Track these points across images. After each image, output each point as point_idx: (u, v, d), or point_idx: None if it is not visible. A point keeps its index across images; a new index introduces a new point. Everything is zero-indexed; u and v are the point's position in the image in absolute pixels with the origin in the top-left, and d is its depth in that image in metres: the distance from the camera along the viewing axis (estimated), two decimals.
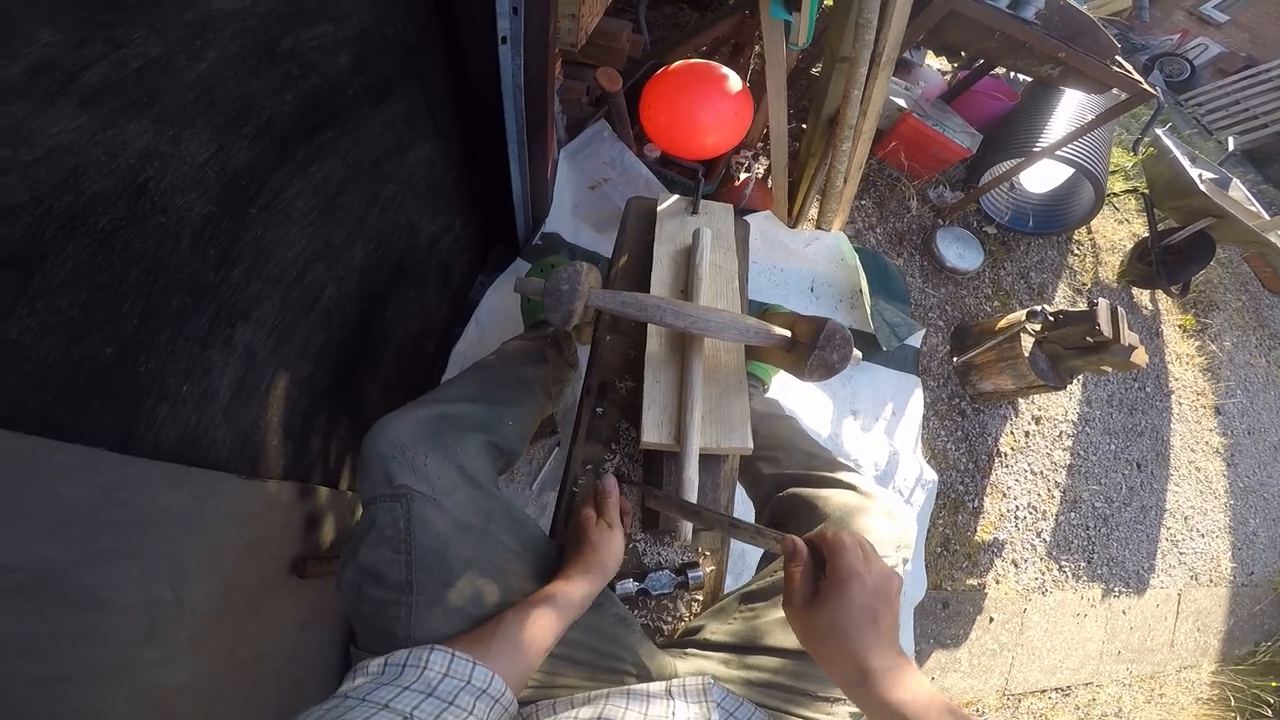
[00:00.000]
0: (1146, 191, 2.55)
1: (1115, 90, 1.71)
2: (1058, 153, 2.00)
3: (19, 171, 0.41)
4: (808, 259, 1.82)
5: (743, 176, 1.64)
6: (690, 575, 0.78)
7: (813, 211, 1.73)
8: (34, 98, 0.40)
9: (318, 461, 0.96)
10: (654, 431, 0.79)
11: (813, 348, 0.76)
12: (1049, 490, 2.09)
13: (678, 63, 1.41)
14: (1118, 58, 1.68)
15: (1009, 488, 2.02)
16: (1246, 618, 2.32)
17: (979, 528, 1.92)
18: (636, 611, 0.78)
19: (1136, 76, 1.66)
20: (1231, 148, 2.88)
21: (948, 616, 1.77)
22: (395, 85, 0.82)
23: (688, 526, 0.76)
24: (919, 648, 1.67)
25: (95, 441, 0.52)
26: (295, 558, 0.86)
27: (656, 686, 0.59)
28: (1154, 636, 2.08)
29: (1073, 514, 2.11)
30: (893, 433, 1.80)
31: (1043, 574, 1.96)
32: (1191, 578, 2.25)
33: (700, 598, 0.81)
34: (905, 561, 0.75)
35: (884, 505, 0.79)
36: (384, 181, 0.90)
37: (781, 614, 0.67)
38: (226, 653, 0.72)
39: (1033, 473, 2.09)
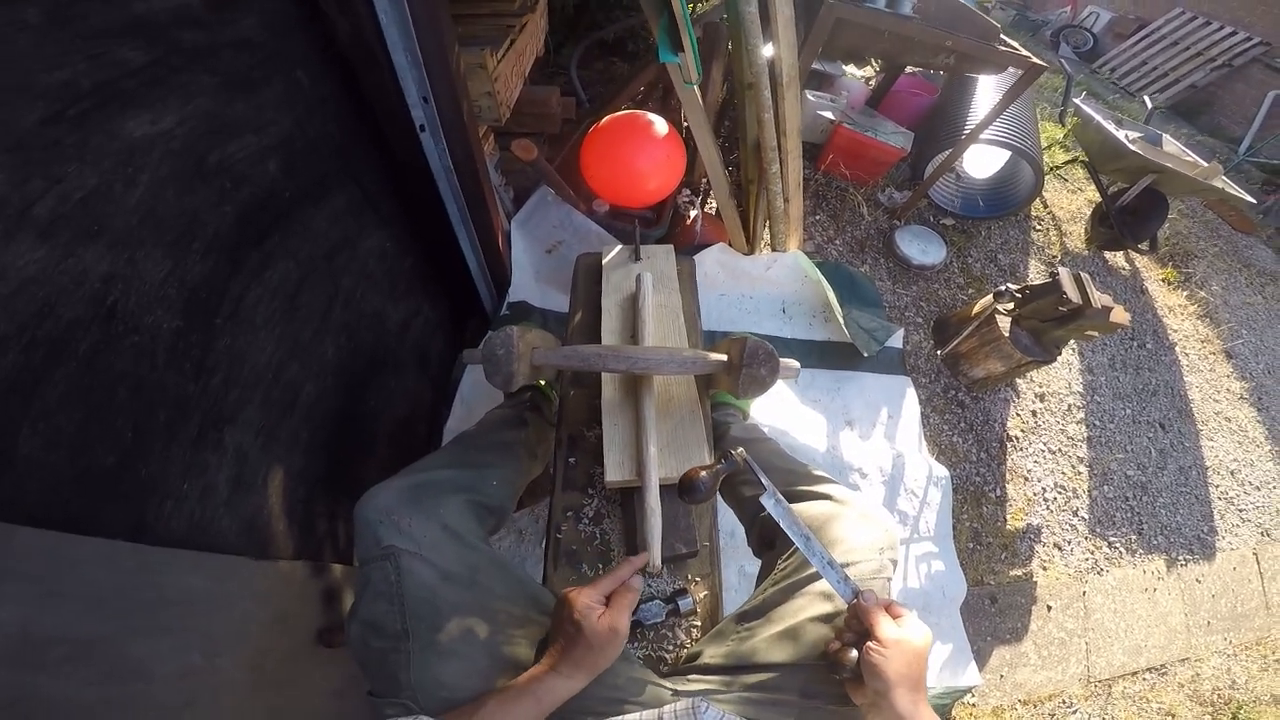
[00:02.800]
0: (1086, 159, 2.67)
1: (1011, 69, 1.83)
2: (986, 136, 2.12)
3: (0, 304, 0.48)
4: (772, 282, 1.90)
5: (692, 215, 1.75)
6: (680, 603, 0.79)
7: (767, 235, 1.82)
8: None
9: (326, 542, 1.00)
10: (616, 470, 0.84)
11: (741, 367, 0.81)
12: (1073, 467, 2.07)
13: (606, 117, 1.54)
14: (1003, 36, 1.81)
15: (1029, 470, 1.99)
16: None
17: (1008, 516, 1.88)
18: (636, 644, 0.80)
19: (1024, 52, 1.79)
20: (1150, 106, 3.03)
21: (999, 611, 1.72)
22: (330, 182, 0.91)
23: (656, 555, 0.78)
24: (976, 647, 1.60)
25: (113, 534, 0.59)
26: (319, 629, 0.90)
27: (649, 714, 0.60)
28: (1243, 601, 1.99)
29: (1106, 487, 2.06)
30: (893, 436, 1.81)
31: (1092, 553, 1.91)
32: (1262, 534, 2.16)
33: (698, 623, 0.82)
34: (893, 562, 0.77)
35: (858, 510, 0.81)
36: (340, 275, 0.99)
37: (773, 629, 0.71)
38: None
39: (1050, 451, 2.06)
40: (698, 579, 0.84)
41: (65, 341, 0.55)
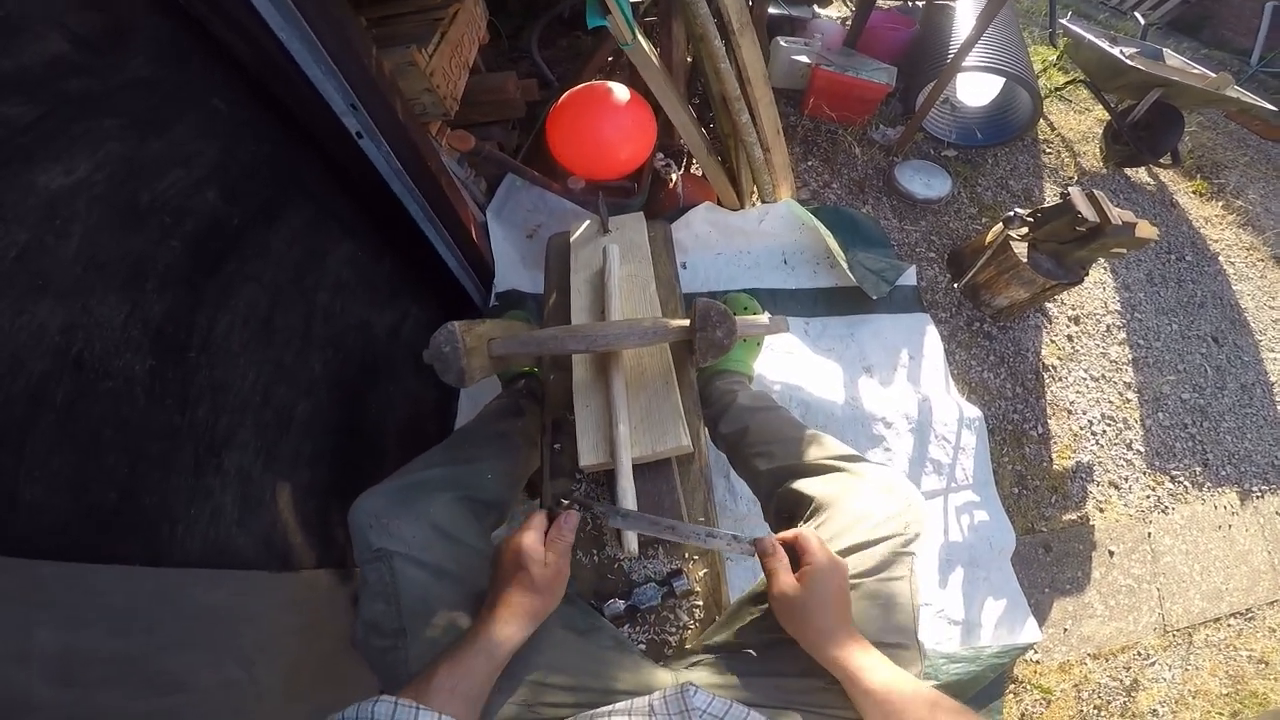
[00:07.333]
0: (1086, 79, 2.61)
1: None
2: (971, 63, 2.05)
3: None
4: (768, 234, 1.87)
5: (673, 178, 1.73)
6: (675, 584, 0.79)
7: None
8: None
9: (348, 549, 1.03)
10: (590, 454, 0.84)
11: (696, 331, 0.81)
12: (1120, 394, 1.97)
13: (565, 94, 1.54)
14: None
15: (1072, 402, 1.91)
16: None
17: (1054, 455, 1.81)
18: (637, 628, 0.80)
19: None
20: (1142, 22, 2.96)
21: (1054, 560, 1.65)
22: (281, 201, 0.93)
23: (632, 540, 0.78)
24: (1034, 600, 1.54)
25: (129, 561, 0.63)
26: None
27: (640, 702, 0.61)
28: None
29: (1160, 414, 1.96)
30: (917, 378, 1.76)
31: (1153, 489, 1.82)
32: None
33: (700, 603, 0.82)
34: (916, 535, 0.75)
35: (875, 483, 0.80)
36: (313, 291, 1.02)
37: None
38: None
39: (1092, 379, 1.97)
40: (695, 558, 0.84)
41: (41, 394, 0.58)
